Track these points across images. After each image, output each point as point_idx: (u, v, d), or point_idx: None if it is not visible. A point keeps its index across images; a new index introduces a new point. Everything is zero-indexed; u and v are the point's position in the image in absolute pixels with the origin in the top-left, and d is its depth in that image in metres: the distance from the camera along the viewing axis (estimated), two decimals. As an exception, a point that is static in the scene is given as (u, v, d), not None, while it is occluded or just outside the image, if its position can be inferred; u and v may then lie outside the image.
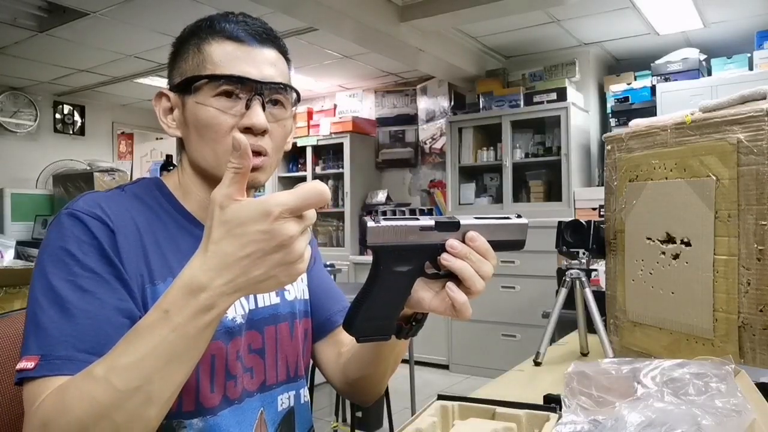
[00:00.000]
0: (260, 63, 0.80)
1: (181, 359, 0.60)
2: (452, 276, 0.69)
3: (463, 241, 0.68)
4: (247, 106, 0.78)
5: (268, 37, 0.82)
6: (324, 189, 0.57)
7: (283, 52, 0.85)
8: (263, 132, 0.79)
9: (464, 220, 0.69)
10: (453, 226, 0.68)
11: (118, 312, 0.70)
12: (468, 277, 0.68)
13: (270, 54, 0.82)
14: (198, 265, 0.58)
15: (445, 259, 0.68)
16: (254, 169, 0.78)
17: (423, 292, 0.71)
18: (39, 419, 0.61)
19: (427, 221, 0.67)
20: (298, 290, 0.94)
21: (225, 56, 0.78)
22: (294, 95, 0.84)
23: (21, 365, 0.65)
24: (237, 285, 0.58)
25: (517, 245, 0.73)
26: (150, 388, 0.59)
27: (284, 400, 0.88)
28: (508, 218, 0.72)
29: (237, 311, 0.83)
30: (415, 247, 0.67)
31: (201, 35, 0.80)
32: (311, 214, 0.58)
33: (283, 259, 0.57)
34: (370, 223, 0.64)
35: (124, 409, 0.58)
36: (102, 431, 0.59)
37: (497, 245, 0.71)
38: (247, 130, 0.77)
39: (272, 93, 0.80)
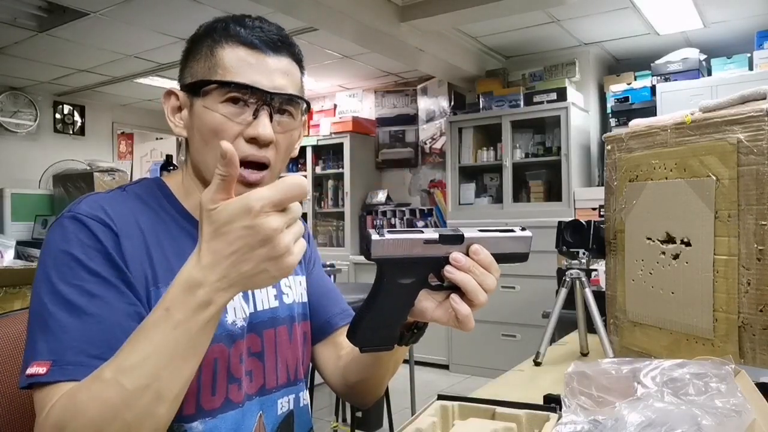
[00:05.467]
0: (272, 72, 0.78)
1: (186, 355, 0.61)
2: (455, 288, 0.69)
3: (467, 254, 0.68)
4: (255, 116, 0.76)
5: (282, 44, 0.80)
6: (303, 181, 0.60)
7: (298, 60, 0.84)
8: (268, 143, 0.78)
9: (468, 233, 0.69)
10: (457, 239, 0.68)
11: (127, 316, 0.70)
12: (471, 289, 0.68)
13: (283, 62, 0.80)
14: (193, 264, 0.60)
15: (449, 271, 0.68)
16: (254, 184, 0.76)
17: (426, 302, 0.71)
18: (52, 423, 0.62)
19: (431, 234, 0.67)
20: (296, 293, 0.94)
21: (237, 62, 0.77)
22: (304, 105, 0.83)
23: (32, 370, 0.65)
24: (230, 280, 0.59)
25: (520, 258, 0.72)
26: (158, 385, 0.60)
27: (284, 404, 0.88)
28: (512, 231, 0.71)
29: (237, 315, 0.82)
30: (419, 260, 0.67)
31: (215, 37, 0.79)
32: (296, 207, 0.60)
33: (269, 253, 0.58)
34: (375, 236, 0.64)
35: (135, 408, 0.59)
36: (115, 431, 0.59)
37: (501, 258, 0.70)
38: (253, 140, 0.77)
39: (281, 104, 0.79)
